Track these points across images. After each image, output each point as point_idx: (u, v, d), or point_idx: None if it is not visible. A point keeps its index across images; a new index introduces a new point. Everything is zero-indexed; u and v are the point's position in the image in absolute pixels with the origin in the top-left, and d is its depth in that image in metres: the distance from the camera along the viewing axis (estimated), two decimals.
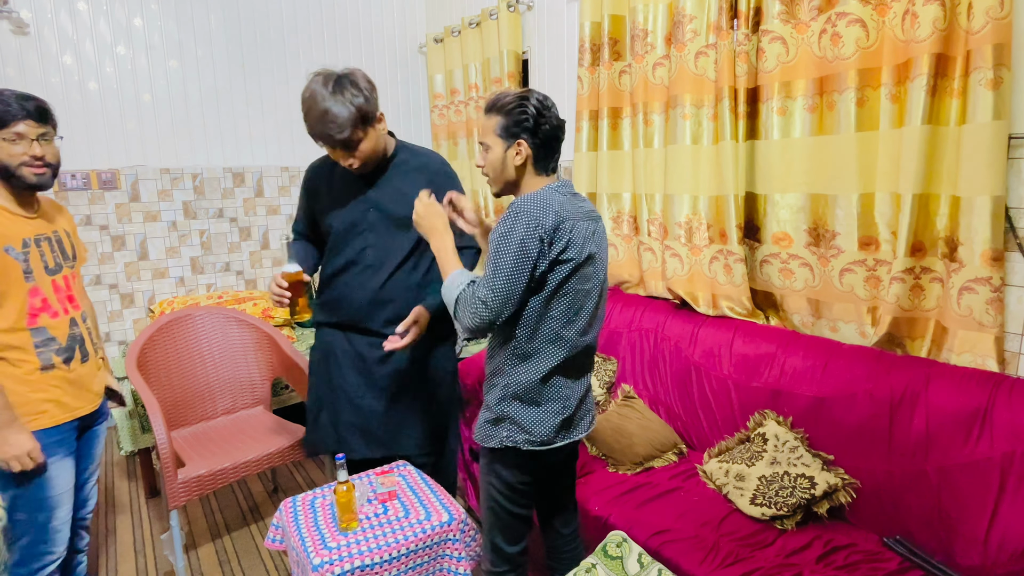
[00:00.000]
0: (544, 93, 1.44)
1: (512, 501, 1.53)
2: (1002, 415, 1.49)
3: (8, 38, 3.00)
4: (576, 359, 1.45)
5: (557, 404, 1.44)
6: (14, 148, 1.46)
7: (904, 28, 1.67)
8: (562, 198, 1.37)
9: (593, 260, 1.41)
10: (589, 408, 1.56)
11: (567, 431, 1.48)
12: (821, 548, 1.58)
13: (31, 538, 1.56)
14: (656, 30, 2.39)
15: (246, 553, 2.32)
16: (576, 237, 1.35)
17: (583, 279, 1.39)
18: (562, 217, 1.33)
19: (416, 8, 4.18)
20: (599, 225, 1.48)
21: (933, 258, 1.72)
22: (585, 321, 1.44)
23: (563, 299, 1.38)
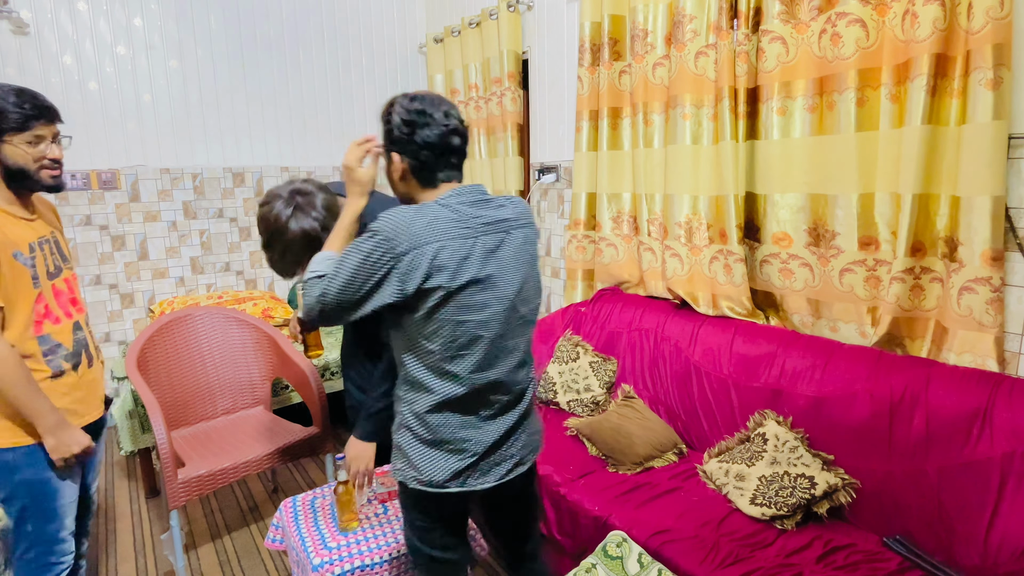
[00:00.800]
0: (426, 93, 1.25)
1: (425, 542, 1.39)
2: (1002, 415, 1.49)
3: (8, 38, 3.00)
4: (477, 397, 1.25)
5: (451, 446, 1.25)
6: (34, 151, 1.43)
7: (904, 28, 1.67)
8: (448, 213, 1.18)
9: (484, 285, 1.19)
10: (511, 455, 1.32)
11: (467, 478, 1.27)
12: (821, 548, 1.58)
13: (40, 549, 1.52)
14: (656, 30, 2.39)
15: (246, 553, 2.32)
16: (446, 262, 1.15)
17: (465, 309, 1.18)
18: (421, 242, 1.14)
19: (416, 8, 4.18)
20: (509, 237, 1.25)
21: (933, 258, 1.72)
22: (479, 356, 1.22)
23: (441, 331, 1.19)
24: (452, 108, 1.25)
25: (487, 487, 1.30)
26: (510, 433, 1.31)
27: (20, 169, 1.42)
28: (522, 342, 1.30)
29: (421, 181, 1.26)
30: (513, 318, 1.26)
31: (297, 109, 3.83)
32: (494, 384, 1.26)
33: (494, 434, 1.28)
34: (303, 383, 2.44)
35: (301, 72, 3.81)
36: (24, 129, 1.40)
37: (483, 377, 1.24)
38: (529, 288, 1.30)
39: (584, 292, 2.90)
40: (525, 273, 1.28)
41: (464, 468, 1.27)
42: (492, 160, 3.48)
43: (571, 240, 2.89)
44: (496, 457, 1.30)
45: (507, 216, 1.27)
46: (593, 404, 2.42)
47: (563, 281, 3.11)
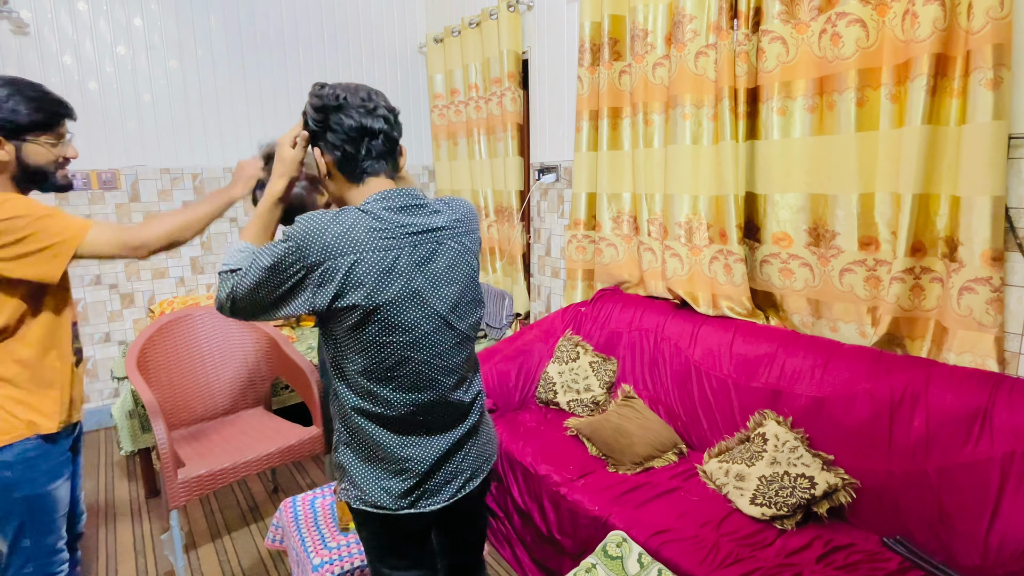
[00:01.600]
0: (345, 82, 1.12)
1: (380, 560, 1.28)
2: (1002, 415, 1.49)
3: (8, 38, 3.00)
4: (413, 418, 1.15)
5: (392, 466, 1.15)
6: (56, 150, 1.39)
7: (904, 28, 1.67)
8: (368, 220, 1.06)
9: (410, 302, 1.08)
10: (462, 470, 1.22)
11: (416, 499, 1.17)
12: (821, 548, 1.58)
13: (38, 563, 1.49)
14: (656, 30, 2.39)
15: (246, 553, 2.32)
16: (362, 277, 1.03)
17: (390, 330, 1.07)
18: (334, 254, 1.02)
19: (416, 8, 4.18)
20: (442, 248, 1.12)
21: (933, 258, 1.72)
22: (410, 379, 1.12)
23: (366, 351, 1.08)
24: (375, 93, 1.12)
25: (438, 507, 1.20)
26: (456, 449, 1.21)
27: (40, 169, 1.38)
28: (459, 361, 1.19)
29: (347, 176, 1.13)
30: (447, 337, 1.14)
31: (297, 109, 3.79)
32: (430, 405, 1.16)
33: (437, 451, 1.18)
34: (303, 383, 2.44)
35: (301, 72, 3.81)
36: (55, 126, 1.37)
37: (416, 399, 1.14)
38: (466, 303, 1.18)
39: (584, 292, 2.90)
40: (461, 287, 1.16)
41: (409, 488, 1.16)
42: (492, 160, 3.48)
43: (571, 240, 2.89)
44: (443, 475, 1.20)
45: (441, 224, 1.13)
46: (593, 404, 2.42)
47: (563, 281, 3.11)
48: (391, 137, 1.14)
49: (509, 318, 3.31)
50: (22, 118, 1.32)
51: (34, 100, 1.34)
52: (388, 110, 1.13)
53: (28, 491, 1.43)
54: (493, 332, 3.34)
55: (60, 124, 1.39)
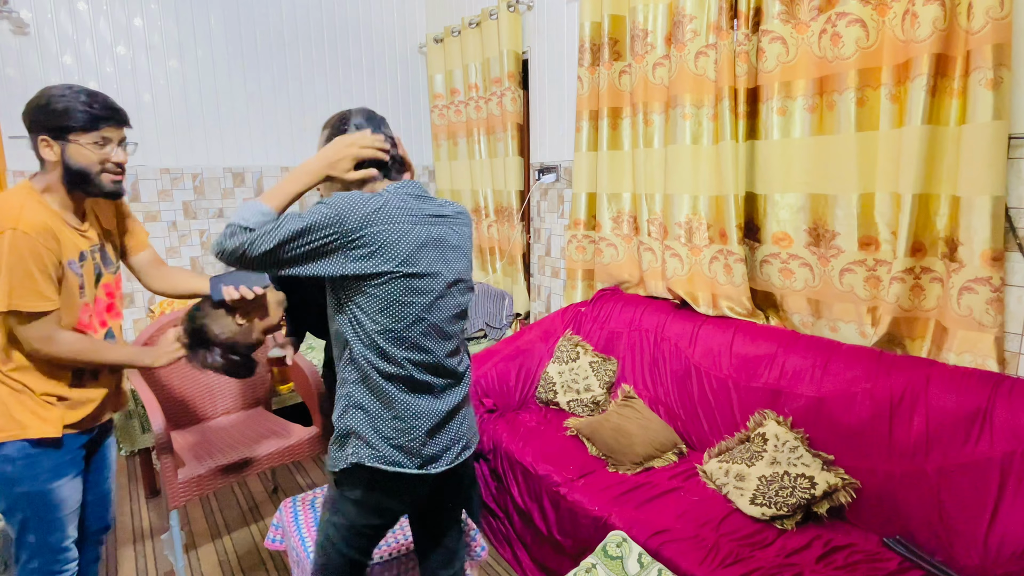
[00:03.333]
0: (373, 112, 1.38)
1: (347, 541, 1.37)
2: (1002, 415, 1.49)
3: (8, 38, 3.00)
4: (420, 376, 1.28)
5: (401, 424, 1.28)
6: (99, 153, 1.40)
7: (904, 28, 1.67)
8: (397, 200, 1.24)
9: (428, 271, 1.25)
10: (460, 436, 1.36)
11: (424, 462, 1.30)
12: (821, 548, 1.58)
13: (43, 559, 1.50)
14: (656, 30, 2.39)
15: (246, 553, 2.32)
16: (394, 245, 1.20)
17: (411, 292, 1.23)
18: (371, 223, 1.18)
19: (416, 8, 4.18)
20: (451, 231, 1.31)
21: (933, 258, 1.72)
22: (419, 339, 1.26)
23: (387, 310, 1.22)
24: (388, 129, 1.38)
25: (440, 470, 1.32)
26: (455, 411, 1.35)
27: (82, 171, 1.40)
28: (456, 330, 1.35)
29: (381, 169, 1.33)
30: (451, 305, 1.31)
31: (297, 109, 3.83)
32: (434, 366, 1.30)
33: (440, 413, 1.31)
34: (303, 383, 2.44)
35: (301, 72, 3.81)
36: (91, 129, 1.38)
37: (424, 358, 1.27)
38: (465, 282, 1.36)
39: (584, 292, 2.90)
40: (464, 266, 1.35)
41: (418, 448, 1.28)
42: (492, 160, 3.48)
43: (571, 240, 2.89)
44: (444, 439, 1.32)
45: (448, 212, 1.33)
46: (593, 404, 2.42)
47: (563, 281, 3.11)
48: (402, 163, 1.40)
49: (509, 318, 3.31)
50: (64, 119, 1.36)
51: (78, 103, 1.37)
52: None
53: (29, 487, 1.43)
54: (493, 332, 3.34)
55: (103, 127, 1.40)
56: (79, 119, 1.37)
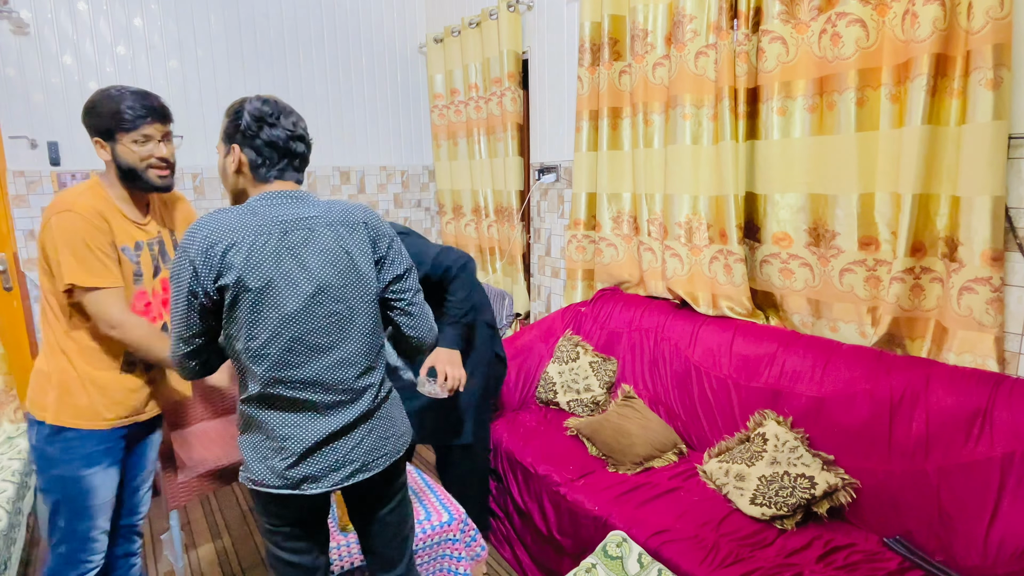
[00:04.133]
0: (278, 100, 1.30)
1: (273, 543, 1.35)
2: (1002, 415, 1.49)
3: (8, 38, 3.00)
4: (293, 395, 1.22)
5: (273, 444, 1.24)
6: (142, 150, 1.47)
7: (904, 28, 1.67)
8: (241, 212, 1.20)
9: (280, 282, 1.18)
10: (349, 460, 1.27)
11: (297, 481, 1.24)
12: (821, 548, 1.58)
13: (71, 546, 1.53)
14: (656, 30, 2.39)
15: (246, 553, 2.32)
16: (234, 260, 1.15)
17: (260, 307, 1.17)
18: (212, 241, 1.15)
19: (416, 8, 4.18)
20: (314, 234, 1.22)
21: (933, 258, 1.72)
22: (282, 354, 1.20)
23: (242, 329, 1.19)
24: (300, 120, 1.32)
25: (318, 492, 1.26)
26: (341, 434, 1.26)
27: (131, 168, 1.48)
28: (341, 341, 1.25)
29: (256, 176, 1.28)
30: (320, 315, 1.21)
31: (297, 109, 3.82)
32: (309, 383, 1.22)
33: (319, 433, 1.24)
34: None
35: (301, 72, 3.81)
36: (132, 129, 1.45)
37: (292, 375, 1.21)
38: (347, 286, 1.25)
39: (584, 292, 2.90)
40: (340, 270, 1.24)
41: (287, 467, 1.23)
42: (492, 160, 3.48)
43: (571, 240, 2.89)
44: (324, 459, 1.25)
45: (313, 214, 1.24)
46: (593, 404, 2.42)
47: (563, 281, 3.11)
48: (305, 158, 1.33)
49: (509, 318, 3.31)
50: (108, 121, 1.45)
51: (120, 104, 1.45)
52: (308, 136, 1.33)
53: (63, 471, 1.49)
54: None
55: (142, 126, 1.47)
56: (120, 120, 1.45)
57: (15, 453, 2.16)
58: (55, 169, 3.19)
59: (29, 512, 2.20)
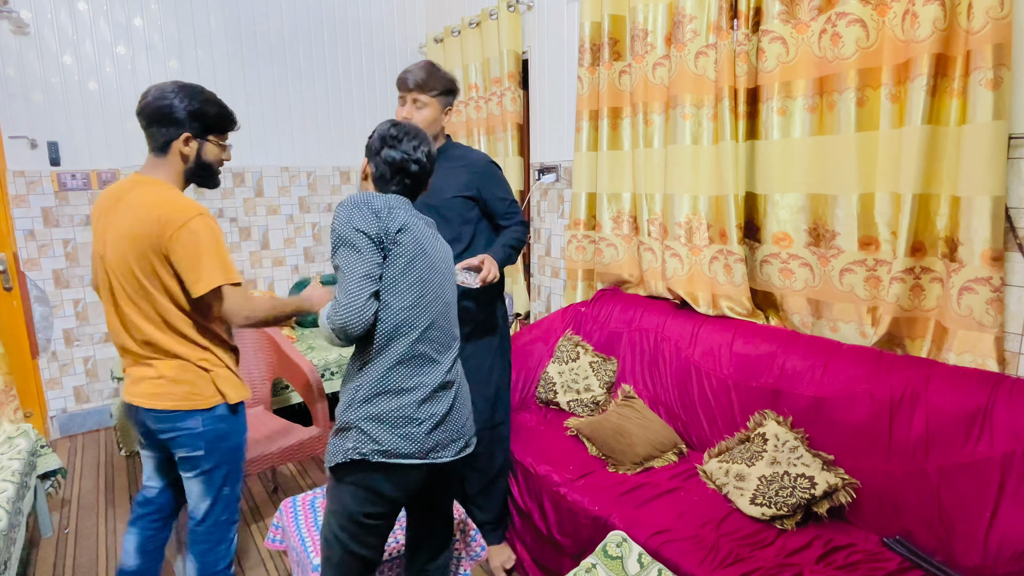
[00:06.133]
0: (410, 127, 1.47)
1: (355, 537, 1.41)
2: (1002, 415, 1.49)
3: (8, 38, 3.00)
4: (426, 356, 1.40)
5: (407, 409, 1.37)
6: (224, 153, 1.61)
7: (904, 28, 1.67)
8: (400, 199, 1.42)
9: (431, 254, 1.42)
10: (463, 433, 1.45)
11: (429, 450, 1.37)
12: (821, 548, 1.58)
13: (230, 510, 1.66)
14: (656, 30, 2.39)
15: (246, 553, 2.32)
16: (409, 224, 1.38)
17: (427, 270, 1.40)
18: (385, 216, 1.35)
19: (416, 8, 4.18)
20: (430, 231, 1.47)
21: (933, 258, 1.72)
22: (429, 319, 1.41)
23: (410, 288, 1.38)
24: (424, 144, 1.45)
25: (445, 460, 1.40)
26: (449, 401, 1.41)
27: (210, 165, 1.59)
28: (453, 323, 1.48)
29: (377, 186, 1.45)
30: (455, 292, 1.49)
31: (297, 109, 3.83)
32: (437, 342, 1.40)
33: (446, 404, 1.40)
34: (303, 383, 2.44)
35: (301, 72, 3.81)
36: (224, 131, 1.59)
37: (431, 336, 1.38)
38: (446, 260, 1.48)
39: (584, 292, 2.90)
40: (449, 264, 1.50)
41: (427, 432, 1.36)
42: None
43: (571, 240, 2.89)
44: (448, 429, 1.40)
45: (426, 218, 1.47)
46: (593, 404, 2.42)
47: (563, 281, 3.11)
48: (420, 180, 1.48)
49: (509, 318, 3.31)
50: (211, 119, 1.55)
51: (216, 104, 1.56)
52: (428, 161, 1.46)
53: (235, 441, 1.62)
54: None
55: (231, 128, 1.61)
56: (228, 121, 1.59)
57: (15, 453, 2.16)
58: (55, 169, 3.19)
59: (29, 512, 2.20)
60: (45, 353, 3.28)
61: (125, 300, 1.51)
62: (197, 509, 1.61)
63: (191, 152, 1.53)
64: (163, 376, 1.53)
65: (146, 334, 1.51)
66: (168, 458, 1.67)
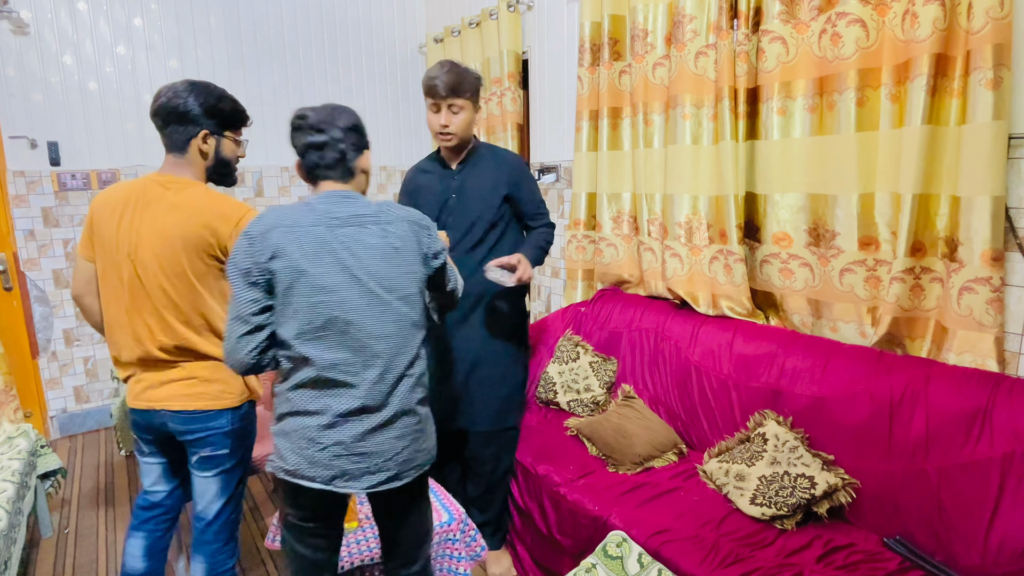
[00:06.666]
0: (325, 107, 1.36)
1: (294, 536, 1.41)
2: (1002, 415, 1.49)
3: (8, 38, 3.00)
4: (327, 382, 1.28)
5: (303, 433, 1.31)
6: (238, 149, 1.62)
7: (904, 28, 1.67)
8: (303, 207, 1.30)
9: (331, 269, 1.25)
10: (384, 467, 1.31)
11: (332, 477, 1.29)
12: (821, 548, 1.58)
13: (240, 506, 1.67)
14: (656, 30, 2.39)
15: (246, 553, 2.32)
16: (289, 247, 1.25)
17: (317, 290, 1.25)
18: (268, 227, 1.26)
19: (416, 8, 4.18)
20: (365, 231, 1.29)
21: (933, 258, 1.72)
22: (332, 340, 1.27)
23: (299, 313, 1.26)
24: (326, 119, 1.32)
25: (350, 491, 1.31)
26: (377, 431, 1.30)
27: (228, 161, 1.59)
28: (391, 329, 1.30)
29: (308, 179, 1.37)
30: (372, 300, 1.28)
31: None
32: (348, 366, 1.27)
33: (350, 432, 1.28)
34: None
35: (301, 72, 3.82)
36: (239, 126, 1.60)
37: (330, 359, 1.27)
38: (394, 277, 1.30)
39: (584, 292, 2.90)
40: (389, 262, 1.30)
41: (328, 458, 1.28)
42: None
43: (571, 240, 2.89)
44: (363, 460, 1.29)
45: (363, 212, 1.31)
46: (593, 404, 2.42)
47: (563, 281, 3.11)
48: (330, 161, 1.33)
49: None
50: (226, 115, 1.54)
51: (230, 100, 1.55)
52: (333, 138, 1.32)
53: (253, 437, 1.66)
54: None
55: (245, 123, 1.61)
56: (243, 117, 1.59)
57: (15, 453, 2.16)
58: (55, 169, 3.19)
59: (29, 512, 2.20)
60: (45, 353, 3.28)
61: (165, 303, 1.47)
62: (209, 509, 1.59)
63: (210, 149, 1.53)
64: (195, 376, 1.52)
65: (182, 337, 1.49)
66: (175, 461, 1.67)
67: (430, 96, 1.93)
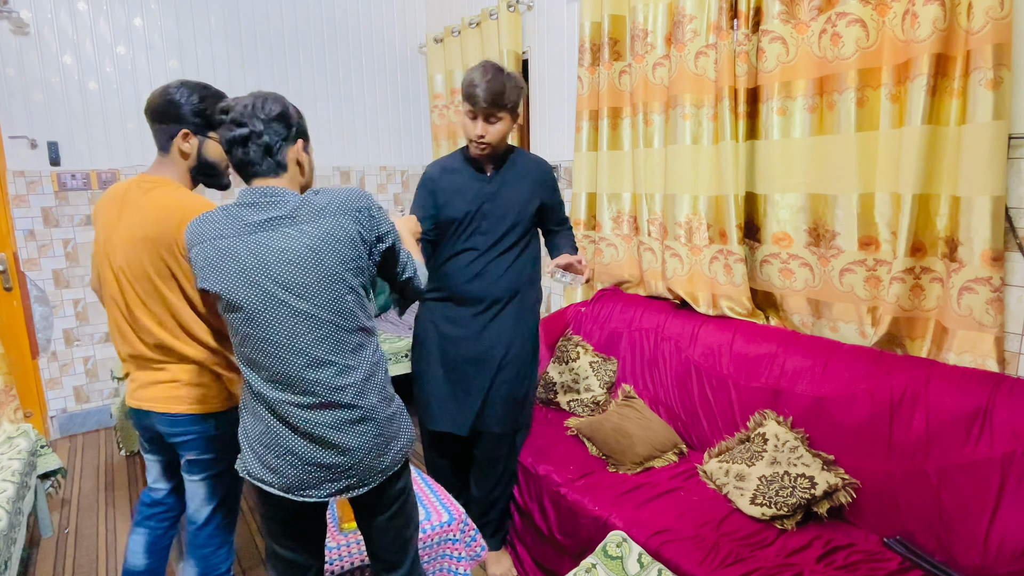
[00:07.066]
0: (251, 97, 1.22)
1: (269, 536, 1.39)
2: (1002, 415, 1.49)
3: (8, 38, 3.00)
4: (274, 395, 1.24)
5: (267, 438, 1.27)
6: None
7: (904, 28, 1.67)
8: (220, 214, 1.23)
9: (242, 281, 1.18)
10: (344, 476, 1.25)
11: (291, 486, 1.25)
12: (821, 548, 1.58)
13: (232, 515, 1.65)
14: (656, 30, 2.39)
15: (245, 552, 2.32)
16: (202, 262, 1.20)
17: (228, 308, 1.21)
18: (192, 243, 1.22)
19: (416, 8, 4.18)
20: (276, 234, 1.18)
21: (933, 258, 1.73)
22: (257, 351, 1.22)
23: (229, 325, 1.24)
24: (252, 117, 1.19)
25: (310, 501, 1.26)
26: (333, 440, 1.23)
27: (214, 164, 1.53)
28: (310, 340, 1.20)
29: (241, 176, 1.26)
30: (284, 313, 1.18)
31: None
32: (286, 382, 1.21)
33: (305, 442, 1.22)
34: None
35: (301, 72, 3.82)
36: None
37: (269, 372, 1.21)
38: (310, 283, 1.19)
39: (584, 292, 2.90)
40: (302, 267, 1.18)
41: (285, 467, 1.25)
42: None
43: None
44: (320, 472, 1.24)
45: (277, 214, 1.20)
46: (593, 404, 2.42)
47: None
48: (249, 156, 1.22)
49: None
50: (210, 115, 1.44)
51: (220, 100, 1.46)
52: (264, 120, 1.20)
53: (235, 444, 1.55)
54: None
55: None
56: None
57: (15, 453, 2.16)
58: (55, 169, 3.19)
59: (29, 512, 2.20)
60: (45, 353, 3.28)
61: (137, 304, 1.47)
62: (199, 513, 1.59)
63: (191, 149, 1.49)
64: (177, 380, 1.51)
65: (158, 338, 1.48)
66: (175, 460, 1.67)
67: (468, 103, 1.83)
